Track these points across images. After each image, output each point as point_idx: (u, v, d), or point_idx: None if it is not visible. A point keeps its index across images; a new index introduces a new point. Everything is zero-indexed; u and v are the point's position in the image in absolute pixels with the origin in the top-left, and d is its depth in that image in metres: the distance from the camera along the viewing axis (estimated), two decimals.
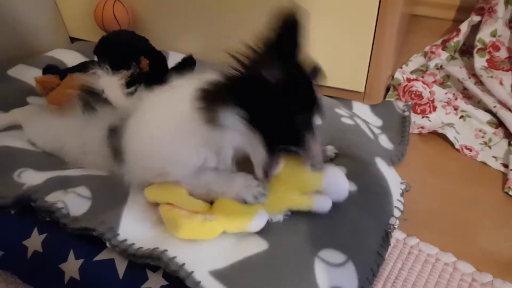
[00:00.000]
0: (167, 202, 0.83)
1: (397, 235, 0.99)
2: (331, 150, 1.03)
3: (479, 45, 1.48)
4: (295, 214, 0.87)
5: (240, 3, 1.35)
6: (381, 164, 1.04)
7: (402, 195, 1.02)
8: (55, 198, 0.87)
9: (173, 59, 1.32)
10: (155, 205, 0.86)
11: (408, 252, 0.96)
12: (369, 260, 0.87)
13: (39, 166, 1.02)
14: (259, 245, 0.81)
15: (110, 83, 1.00)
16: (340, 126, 1.14)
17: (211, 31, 1.44)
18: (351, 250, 0.83)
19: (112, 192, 0.91)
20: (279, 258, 0.79)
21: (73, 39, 1.68)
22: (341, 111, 1.21)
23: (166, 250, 0.76)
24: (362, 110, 1.35)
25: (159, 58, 1.21)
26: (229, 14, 1.38)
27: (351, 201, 0.91)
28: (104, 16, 1.45)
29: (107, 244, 0.79)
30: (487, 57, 1.46)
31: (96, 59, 1.23)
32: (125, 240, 0.79)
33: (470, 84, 1.42)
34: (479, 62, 1.46)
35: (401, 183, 1.05)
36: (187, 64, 1.26)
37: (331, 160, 1.03)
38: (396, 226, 0.95)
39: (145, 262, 0.76)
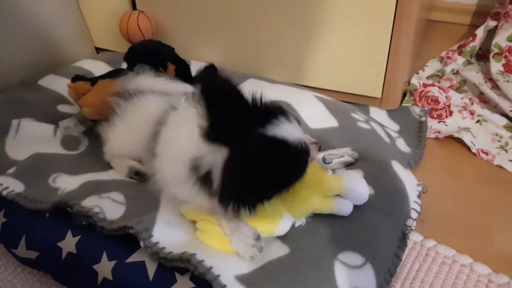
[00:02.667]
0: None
1: (415, 237, 1.01)
2: (351, 154, 1.06)
3: (495, 50, 1.49)
4: (314, 218, 0.90)
5: (260, 13, 1.38)
6: (397, 167, 1.06)
7: (419, 196, 1.05)
8: (90, 203, 0.92)
9: (195, 68, 1.36)
10: None
11: (425, 254, 0.98)
12: (386, 261, 0.90)
13: (72, 170, 1.08)
14: (281, 250, 0.84)
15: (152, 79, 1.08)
16: (357, 130, 1.17)
17: (231, 40, 1.48)
18: (369, 252, 0.86)
19: (144, 198, 0.95)
20: (300, 261, 0.82)
21: (98, 50, 1.74)
22: (357, 115, 1.24)
23: (195, 254, 0.79)
24: (379, 115, 1.37)
25: (183, 66, 1.26)
26: (250, 24, 1.42)
27: (368, 204, 0.94)
28: (129, 28, 1.51)
29: (141, 243, 0.83)
30: (504, 61, 1.47)
31: (123, 66, 1.29)
32: (157, 242, 0.83)
33: (486, 88, 1.44)
34: (496, 66, 1.46)
35: (418, 185, 1.07)
36: (209, 73, 1.30)
37: (351, 164, 1.06)
38: (413, 228, 0.97)
39: (175, 265, 0.80)
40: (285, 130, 0.78)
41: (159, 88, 1.07)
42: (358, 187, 0.91)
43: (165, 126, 0.91)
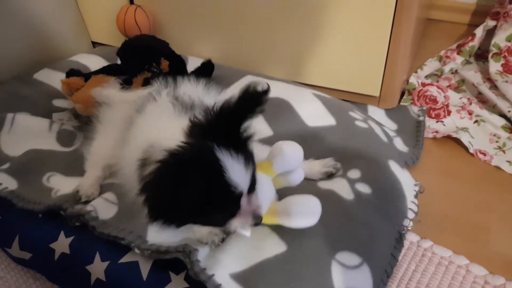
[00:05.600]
0: None
1: (411, 238, 1.01)
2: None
3: (494, 50, 1.48)
4: None
5: (259, 10, 1.37)
6: (395, 167, 1.06)
7: (416, 196, 1.04)
8: (84, 204, 0.92)
9: (192, 64, 1.36)
10: None
11: (422, 254, 0.98)
12: (383, 262, 0.89)
13: (66, 171, 1.07)
14: (278, 247, 0.83)
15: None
16: (354, 129, 1.16)
17: (230, 36, 1.47)
18: (366, 252, 0.86)
19: (137, 199, 0.92)
20: (297, 260, 0.81)
21: (95, 44, 1.72)
22: (355, 114, 1.23)
23: (196, 250, 0.79)
24: (377, 114, 1.37)
25: (178, 61, 1.26)
26: (249, 20, 1.41)
27: (365, 203, 0.94)
28: (126, 22, 1.49)
29: (136, 250, 0.82)
30: (502, 61, 1.46)
31: (118, 61, 1.29)
32: (153, 244, 0.83)
33: (485, 88, 1.43)
34: (494, 66, 1.46)
35: (415, 184, 1.07)
36: (206, 69, 1.30)
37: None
38: (409, 228, 0.97)
39: (174, 257, 0.79)
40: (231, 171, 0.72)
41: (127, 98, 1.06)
42: (296, 222, 0.83)
43: (141, 114, 0.91)
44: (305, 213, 0.83)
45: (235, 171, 0.73)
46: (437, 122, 1.38)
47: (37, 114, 1.25)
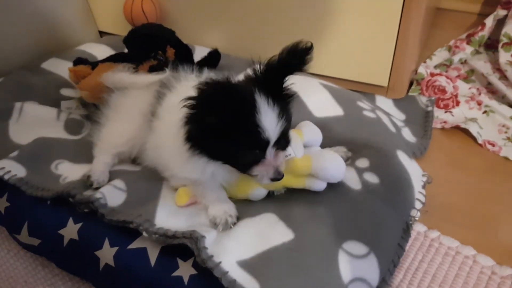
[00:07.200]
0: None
1: (418, 228, 1.01)
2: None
3: (504, 40, 1.46)
4: (319, 205, 0.89)
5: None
6: (403, 157, 1.05)
7: (423, 187, 1.04)
8: (92, 191, 0.92)
9: (199, 53, 1.35)
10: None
11: (429, 244, 0.98)
12: (390, 251, 0.89)
13: (74, 158, 1.07)
14: (285, 235, 0.83)
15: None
16: (362, 119, 1.16)
17: (236, 25, 1.47)
18: (373, 242, 0.86)
19: (145, 186, 0.95)
20: (304, 249, 0.82)
21: (102, 33, 1.72)
22: (363, 104, 1.22)
23: (204, 237, 0.79)
24: (385, 104, 1.36)
25: (184, 49, 1.25)
26: (256, 9, 1.40)
27: (373, 193, 0.94)
28: (133, 11, 1.49)
29: (144, 233, 0.83)
30: None
31: (125, 50, 1.28)
32: (162, 227, 0.84)
33: (494, 79, 1.42)
34: (504, 56, 1.44)
35: (423, 175, 1.07)
36: (213, 58, 1.30)
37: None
38: (417, 218, 0.97)
39: (181, 242, 0.80)
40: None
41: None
42: (328, 169, 0.89)
43: (172, 91, 0.94)
44: (335, 177, 0.90)
45: (267, 116, 0.77)
46: (445, 112, 1.37)
47: (45, 103, 1.26)
